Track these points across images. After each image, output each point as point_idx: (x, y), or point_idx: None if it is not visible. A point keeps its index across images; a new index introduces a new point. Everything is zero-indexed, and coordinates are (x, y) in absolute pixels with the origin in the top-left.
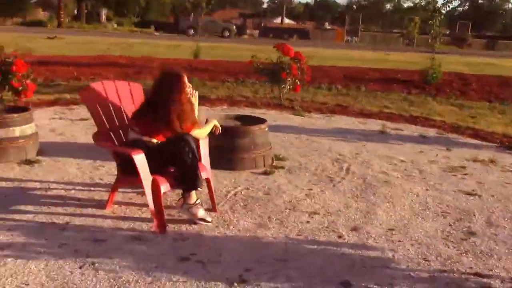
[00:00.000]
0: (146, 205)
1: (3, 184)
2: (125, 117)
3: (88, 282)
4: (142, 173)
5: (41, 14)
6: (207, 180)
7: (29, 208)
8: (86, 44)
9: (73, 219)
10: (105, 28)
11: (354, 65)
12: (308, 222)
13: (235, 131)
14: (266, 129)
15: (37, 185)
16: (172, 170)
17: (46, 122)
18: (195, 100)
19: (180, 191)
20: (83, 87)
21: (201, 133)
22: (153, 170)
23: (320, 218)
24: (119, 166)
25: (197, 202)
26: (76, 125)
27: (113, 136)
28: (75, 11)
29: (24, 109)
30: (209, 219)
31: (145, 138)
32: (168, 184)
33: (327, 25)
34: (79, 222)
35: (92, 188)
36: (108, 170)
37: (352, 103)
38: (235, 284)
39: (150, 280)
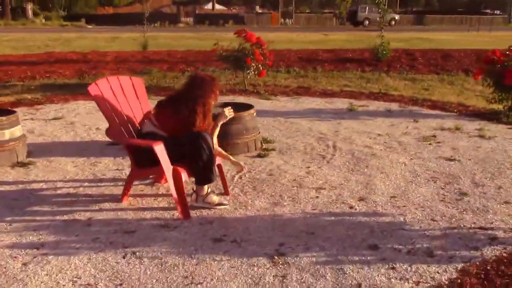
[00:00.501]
0: (160, 195)
1: (7, 187)
2: (132, 112)
3: (137, 269)
4: (163, 163)
5: None
6: (219, 166)
7: (45, 208)
8: (20, 41)
9: (94, 215)
10: (34, 24)
11: (299, 47)
12: (317, 197)
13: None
14: (255, 114)
15: (43, 185)
16: (186, 161)
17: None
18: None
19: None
20: (42, 85)
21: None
22: (170, 161)
23: (327, 192)
24: (133, 160)
25: (209, 191)
26: (52, 124)
27: (123, 130)
28: None
29: (9, 111)
30: (226, 202)
31: (159, 131)
32: (186, 173)
33: (258, 9)
34: (101, 216)
35: (99, 184)
36: (107, 166)
37: (313, 84)
38: (276, 257)
39: (196, 262)
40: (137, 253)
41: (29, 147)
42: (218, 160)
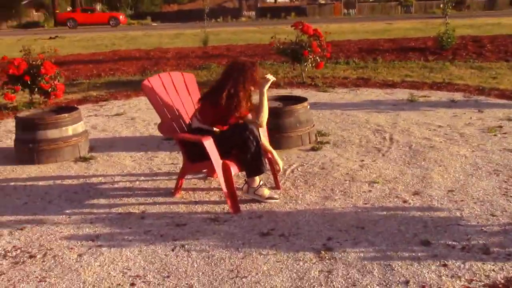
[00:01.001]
0: (212, 189)
1: (68, 181)
2: (183, 107)
3: (185, 262)
4: (213, 157)
5: (35, 15)
6: (269, 159)
7: (102, 201)
8: (89, 41)
9: (148, 208)
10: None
11: (361, 37)
12: (370, 191)
13: (280, 111)
14: (308, 107)
15: (101, 179)
16: (235, 154)
17: (84, 120)
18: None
19: (242, 175)
20: (106, 83)
21: (255, 119)
22: (220, 155)
23: (380, 186)
24: (185, 154)
25: (260, 184)
26: (114, 120)
27: (175, 126)
28: (70, 9)
29: (72, 108)
30: (276, 196)
31: (204, 126)
32: (236, 167)
33: (321, 0)
34: (155, 210)
35: (154, 178)
36: (163, 160)
37: (373, 75)
38: (322, 252)
39: (242, 256)
40: (186, 246)
41: (91, 142)
42: (268, 155)
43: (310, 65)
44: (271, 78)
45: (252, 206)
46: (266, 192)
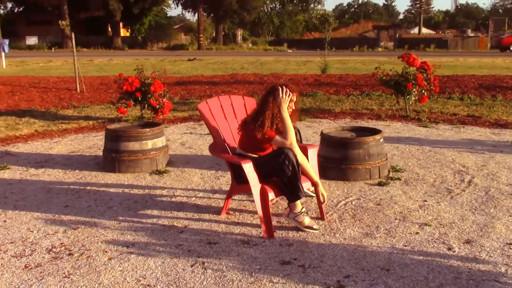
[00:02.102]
0: (246, 211)
1: (135, 191)
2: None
3: (197, 279)
4: (251, 181)
5: (183, 38)
6: (315, 187)
7: (154, 212)
8: (222, 64)
9: (191, 223)
10: (241, 48)
11: (497, 73)
12: (417, 233)
13: (348, 142)
14: (381, 139)
15: (164, 192)
16: (276, 179)
17: (177, 137)
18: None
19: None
20: None
21: (283, 142)
22: (260, 179)
23: (431, 229)
24: (232, 175)
25: (302, 211)
26: (204, 139)
27: (228, 147)
28: (214, 34)
29: (156, 124)
30: (316, 226)
31: (242, 151)
32: (273, 192)
33: (470, 32)
34: (196, 226)
35: (211, 196)
36: (228, 180)
37: (486, 113)
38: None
39: (252, 281)
40: (206, 264)
41: (172, 157)
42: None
43: (413, 98)
44: (286, 95)
45: (289, 234)
46: (306, 220)
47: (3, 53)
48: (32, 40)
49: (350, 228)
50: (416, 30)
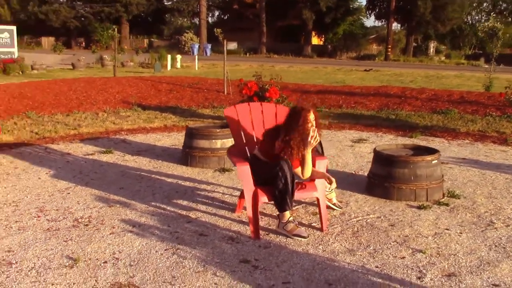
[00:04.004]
0: (269, 215)
1: (187, 183)
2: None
3: (158, 261)
4: (243, 183)
5: (374, 49)
6: (318, 200)
7: (184, 203)
8: (394, 76)
9: (203, 216)
10: (431, 61)
11: None
12: (403, 258)
13: (394, 160)
14: (434, 161)
15: (209, 187)
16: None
17: None
18: (314, 141)
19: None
20: (340, 114)
21: (300, 173)
22: (259, 183)
23: (421, 257)
24: None
25: (289, 220)
26: None
27: (247, 150)
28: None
29: (224, 126)
30: (305, 234)
31: (258, 154)
32: (266, 197)
33: None
34: (206, 219)
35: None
36: None
37: None
38: None
39: (200, 270)
40: (179, 250)
41: None
42: (314, 194)
43: None
44: (314, 141)
45: (276, 238)
46: (292, 228)
47: (196, 56)
48: (232, 45)
49: (339, 243)
50: None
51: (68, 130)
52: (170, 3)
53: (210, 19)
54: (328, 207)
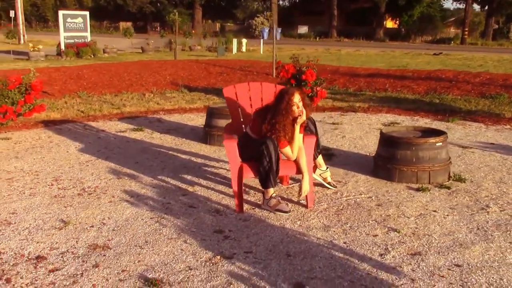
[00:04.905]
0: (262, 190)
1: (199, 160)
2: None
3: (139, 228)
4: (229, 158)
5: (451, 32)
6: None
7: (188, 177)
8: (464, 60)
9: (200, 190)
10: (511, 44)
11: None
12: (375, 235)
13: (396, 141)
14: (438, 143)
15: (218, 164)
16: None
17: None
18: (300, 120)
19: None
20: (384, 97)
21: (289, 154)
22: (248, 159)
23: (393, 235)
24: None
25: (272, 196)
26: (322, 129)
27: (244, 128)
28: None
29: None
30: (286, 209)
31: (249, 131)
32: (252, 173)
33: None
34: (201, 192)
35: None
36: None
37: None
38: (218, 257)
39: (173, 237)
40: (162, 219)
41: None
42: (298, 172)
43: None
44: (302, 118)
45: (260, 212)
46: (274, 203)
47: (261, 40)
48: (303, 29)
49: (318, 219)
50: None
51: (112, 109)
52: None
53: (281, 3)
54: (322, 185)
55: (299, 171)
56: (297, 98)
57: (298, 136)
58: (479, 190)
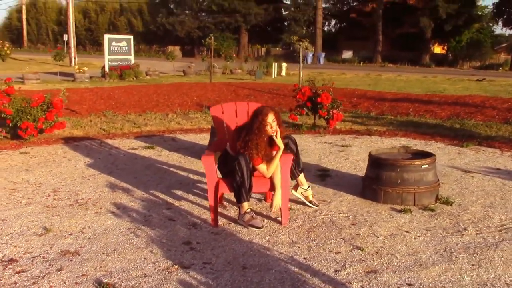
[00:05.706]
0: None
1: (196, 177)
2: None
3: (113, 237)
4: (207, 174)
5: (501, 58)
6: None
7: (179, 193)
8: (505, 86)
9: (186, 204)
10: None
11: None
12: (337, 253)
13: (381, 162)
14: (424, 165)
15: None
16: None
17: (312, 145)
18: (278, 140)
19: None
20: (403, 121)
21: (263, 171)
22: (227, 174)
23: (355, 253)
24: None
25: (247, 211)
26: (328, 149)
27: (227, 144)
28: None
29: None
30: (259, 225)
31: (228, 149)
32: (228, 188)
33: None
34: (186, 207)
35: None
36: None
37: None
38: (176, 266)
39: (141, 247)
40: (138, 231)
41: None
42: (272, 188)
43: None
44: (281, 146)
45: (235, 228)
46: (248, 218)
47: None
48: (347, 54)
49: (288, 235)
50: None
51: (132, 128)
52: (287, 12)
53: (326, 28)
54: (304, 204)
55: (273, 187)
56: (270, 118)
57: (277, 155)
58: (463, 213)
